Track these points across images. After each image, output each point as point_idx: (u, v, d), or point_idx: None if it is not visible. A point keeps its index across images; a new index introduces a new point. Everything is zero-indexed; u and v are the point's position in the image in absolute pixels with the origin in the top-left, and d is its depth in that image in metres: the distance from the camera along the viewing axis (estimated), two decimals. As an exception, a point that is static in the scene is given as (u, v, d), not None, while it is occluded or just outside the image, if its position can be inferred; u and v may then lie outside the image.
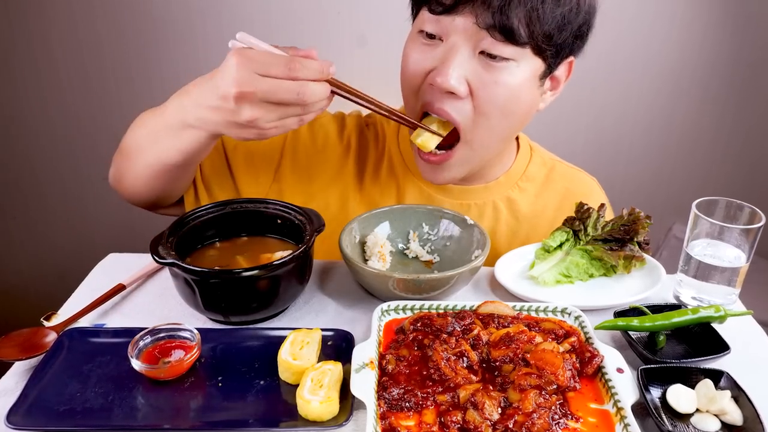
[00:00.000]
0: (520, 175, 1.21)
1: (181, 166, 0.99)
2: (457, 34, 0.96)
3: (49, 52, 2.14)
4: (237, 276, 0.85)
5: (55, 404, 0.76)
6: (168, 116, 0.92)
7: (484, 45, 0.95)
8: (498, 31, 0.92)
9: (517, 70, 0.97)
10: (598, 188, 1.28)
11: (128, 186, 1.07)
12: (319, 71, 0.82)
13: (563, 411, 0.73)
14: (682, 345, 0.90)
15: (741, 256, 0.94)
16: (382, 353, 0.83)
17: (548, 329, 0.87)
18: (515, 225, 1.20)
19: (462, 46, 0.96)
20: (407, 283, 0.92)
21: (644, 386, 0.77)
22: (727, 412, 0.74)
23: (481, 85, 0.97)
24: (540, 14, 0.92)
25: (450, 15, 0.95)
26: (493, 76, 0.97)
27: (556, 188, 1.23)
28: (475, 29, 0.94)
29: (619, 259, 1.03)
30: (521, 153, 1.23)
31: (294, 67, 0.80)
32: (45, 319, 0.91)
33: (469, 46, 0.96)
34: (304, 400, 0.74)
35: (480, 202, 1.19)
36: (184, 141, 0.92)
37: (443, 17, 0.96)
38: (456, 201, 1.18)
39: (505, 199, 1.20)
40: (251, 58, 0.80)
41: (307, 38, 2.12)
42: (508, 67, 0.97)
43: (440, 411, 0.74)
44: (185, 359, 0.80)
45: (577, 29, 0.99)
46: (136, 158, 1.00)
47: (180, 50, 2.15)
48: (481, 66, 0.97)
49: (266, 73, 0.80)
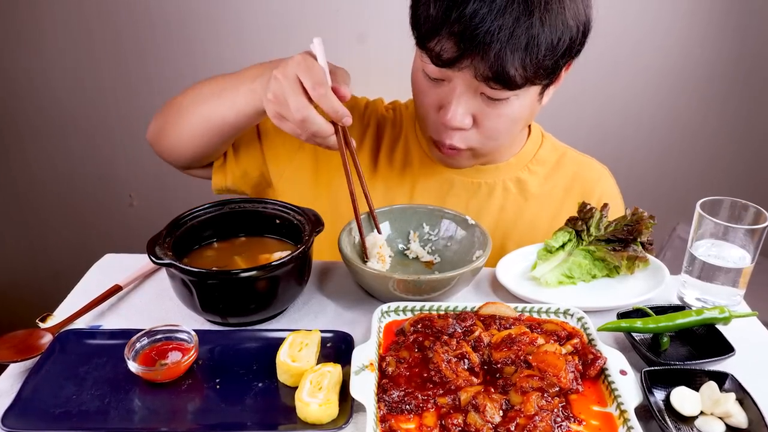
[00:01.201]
0: (530, 158, 1.25)
1: (232, 124, 1.08)
2: (459, 79, 1.00)
3: (44, 49, 2.14)
4: (235, 277, 0.85)
5: (51, 407, 0.76)
6: (243, 78, 1.04)
7: (485, 89, 0.99)
8: (495, 81, 0.96)
9: (517, 101, 1.03)
10: (608, 175, 1.31)
11: (171, 140, 1.16)
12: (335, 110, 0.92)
13: (566, 414, 0.73)
14: (686, 347, 0.90)
15: (746, 257, 0.94)
16: (382, 355, 0.83)
17: (550, 331, 0.87)
18: (523, 204, 1.24)
19: (464, 88, 1.01)
20: (407, 284, 0.92)
21: (648, 388, 0.77)
22: (732, 414, 0.74)
23: (484, 118, 1.04)
24: (535, 55, 0.94)
25: (451, 69, 0.98)
26: (495, 111, 1.03)
27: (565, 172, 1.27)
28: (475, 80, 0.97)
29: (622, 260, 1.03)
30: (532, 138, 1.27)
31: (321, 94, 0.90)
32: (40, 321, 0.91)
33: (471, 89, 1.00)
34: (303, 403, 0.73)
35: (491, 181, 1.23)
36: (245, 101, 1.03)
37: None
38: (467, 179, 1.23)
39: (515, 179, 1.24)
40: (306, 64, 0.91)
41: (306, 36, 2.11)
42: (508, 102, 1.02)
43: (441, 414, 0.74)
44: (182, 361, 0.80)
45: (572, 46, 0.99)
46: (192, 110, 1.10)
47: (177, 47, 2.15)
48: (483, 103, 1.02)
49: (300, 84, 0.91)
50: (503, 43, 0.92)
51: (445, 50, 0.95)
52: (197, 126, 1.11)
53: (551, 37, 0.94)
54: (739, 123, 2.42)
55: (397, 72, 1.05)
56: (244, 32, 2.11)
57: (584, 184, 1.25)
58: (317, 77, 0.90)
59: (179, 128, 1.13)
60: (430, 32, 0.96)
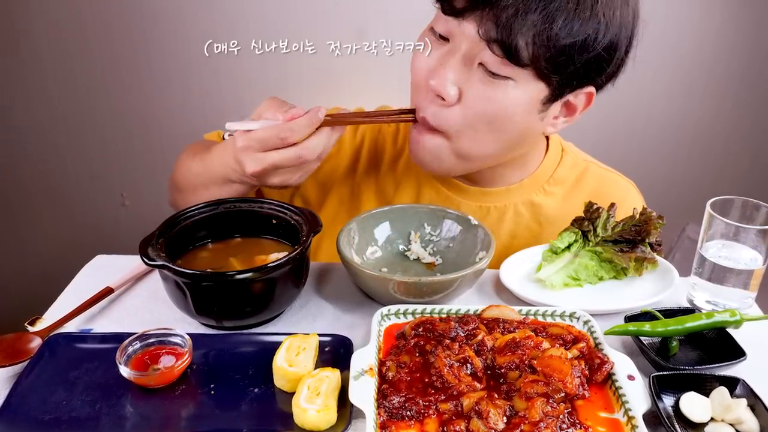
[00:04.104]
0: (547, 178, 1.19)
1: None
2: (462, 38, 0.96)
3: (34, 49, 2.14)
4: (230, 279, 0.85)
5: (40, 413, 0.76)
6: (213, 170, 1.05)
7: (484, 57, 0.95)
8: (498, 46, 0.92)
9: (513, 91, 0.97)
10: (635, 193, 1.25)
11: None
12: (308, 125, 0.94)
13: (571, 420, 0.73)
14: (695, 351, 0.90)
15: (758, 258, 0.94)
16: (382, 359, 0.83)
17: (556, 334, 0.87)
18: (537, 230, 1.19)
19: (463, 51, 0.97)
20: (408, 286, 0.92)
21: (656, 394, 0.77)
22: (743, 421, 0.74)
23: (472, 97, 0.98)
24: (548, 37, 0.90)
25: (458, 18, 0.95)
26: (486, 92, 0.97)
27: (586, 190, 1.20)
28: (478, 39, 0.94)
29: (630, 261, 1.03)
30: (550, 154, 1.20)
31: (285, 137, 0.93)
32: (29, 324, 0.91)
33: (470, 54, 0.96)
34: (301, 409, 0.74)
35: (500, 205, 1.18)
36: (231, 190, 1.05)
37: (452, 19, 0.96)
38: (475, 203, 1.18)
39: (528, 203, 1.19)
40: (248, 144, 0.94)
41: (303, 31, 2.12)
42: (504, 85, 0.96)
43: (443, 420, 0.74)
44: (176, 366, 0.80)
45: (596, 57, 0.95)
46: (192, 195, 1.10)
47: (170, 45, 2.15)
48: (477, 78, 0.97)
49: (266, 149, 0.94)
50: (520, 3, 0.89)
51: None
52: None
53: (574, 21, 0.90)
54: (751, 121, 2.43)
55: (397, 68, 1.05)
56: (239, 27, 2.11)
57: (608, 203, 1.10)
58: (269, 133, 0.93)
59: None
60: None
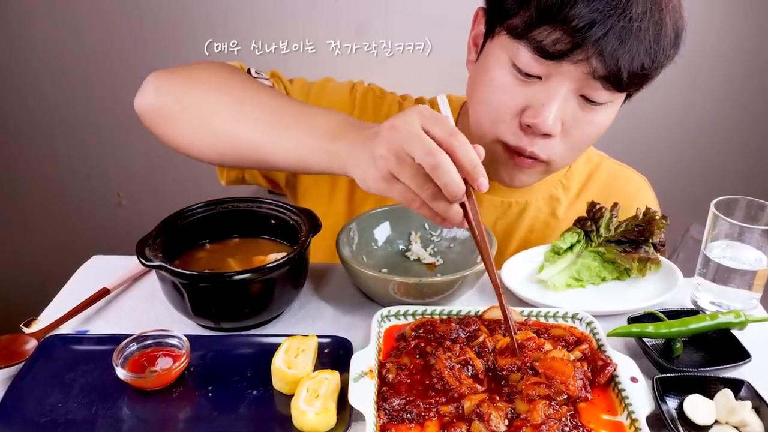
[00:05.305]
0: (564, 172, 1.22)
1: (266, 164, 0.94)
2: (562, 78, 0.94)
3: (29, 46, 2.14)
4: (228, 279, 0.85)
5: (36, 415, 0.76)
6: (317, 130, 0.85)
7: (588, 91, 0.95)
8: (606, 80, 0.92)
9: (610, 110, 1.01)
10: (647, 188, 1.28)
11: (173, 134, 0.98)
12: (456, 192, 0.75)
13: (574, 423, 0.73)
14: (699, 353, 0.90)
15: (762, 259, 0.94)
16: (382, 361, 0.83)
17: (558, 336, 0.87)
18: (553, 224, 1.22)
19: (564, 88, 0.95)
20: (408, 286, 0.92)
21: (660, 396, 0.77)
22: (748, 424, 0.74)
23: (575, 125, 0.99)
24: (650, 61, 0.92)
25: (555, 61, 0.91)
26: (588, 117, 0.99)
27: (599, 185, 1.24)
28: (583, 77, 0.93)
29: (633, 262, 1.03)
30: None
31: (437, 173, 0.74)
32: (25, 326, 0.91)
33: (572, 88, 0.95)
34: (299, 411, 0.74)
35: (522, 200, 1.20)
36: (311, 158, 0.86)
37: (549, 61, 0.92)
38: (497, 197, 1.19)
39: (548, 197, 1.21)
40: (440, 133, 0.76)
41: (303, 28, 2.12)
42: (604, 108, 0.99)
43: (444, 423, 0.74)
44: (173, 368, 0.80)
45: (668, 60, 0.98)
46: (218, 121, 0.93)
47: (167, 41, 2.15)
48: (578, 106, 0.98)
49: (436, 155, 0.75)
50: (626, 35, 0.88)
51: (556, 40, 0.89)
52: (218, 140, 0.95)
53: (672, 32, 0.94)
54: (755, 119, 2.42)
55: (398, 66, 1.05)
56: (239, 24, 2.11)
57: (621, 197, 1.14)
58: (449, 126, 0.76)
59: (191, 130, 0.96)
60: (540, 19, 0.89)
